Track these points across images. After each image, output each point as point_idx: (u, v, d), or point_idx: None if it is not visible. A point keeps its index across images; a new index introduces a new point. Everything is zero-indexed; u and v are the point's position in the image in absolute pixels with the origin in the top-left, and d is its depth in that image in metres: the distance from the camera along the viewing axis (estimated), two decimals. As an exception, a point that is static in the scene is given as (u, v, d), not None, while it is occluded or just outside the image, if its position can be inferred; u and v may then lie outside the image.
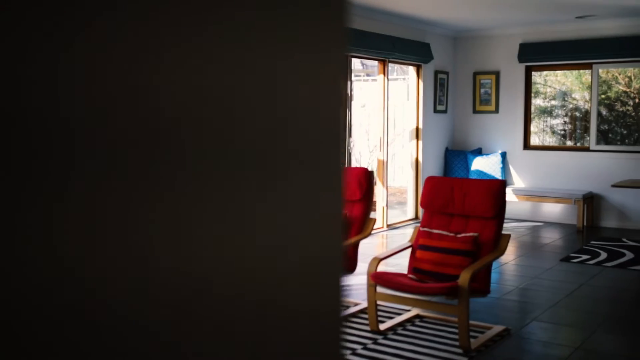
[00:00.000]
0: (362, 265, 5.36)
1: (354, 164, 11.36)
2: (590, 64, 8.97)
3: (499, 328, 4.56)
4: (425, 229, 4.70)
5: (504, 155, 9.48)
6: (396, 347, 4.22)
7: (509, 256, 7.13)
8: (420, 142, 9.20)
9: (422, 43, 8.96)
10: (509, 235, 4.53)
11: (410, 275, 4.59)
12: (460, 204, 4.62)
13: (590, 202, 8.83)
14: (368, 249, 7.23)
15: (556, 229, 8.74)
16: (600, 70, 9.00)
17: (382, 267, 6.30)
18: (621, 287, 5.89)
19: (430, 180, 4.85)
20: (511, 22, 9.00)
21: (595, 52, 8.77)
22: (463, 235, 4.48)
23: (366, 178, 5.05)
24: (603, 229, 8.67)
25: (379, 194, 8.63)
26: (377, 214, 8.68)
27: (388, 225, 8.68)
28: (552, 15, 8.31)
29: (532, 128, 9.69)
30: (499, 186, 4.51)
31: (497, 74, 9.60)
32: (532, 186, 9.32)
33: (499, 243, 4.49)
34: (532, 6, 7.75)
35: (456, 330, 4.34)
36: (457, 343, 4.23)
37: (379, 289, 4.48)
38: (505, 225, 8.91)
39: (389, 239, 8.09)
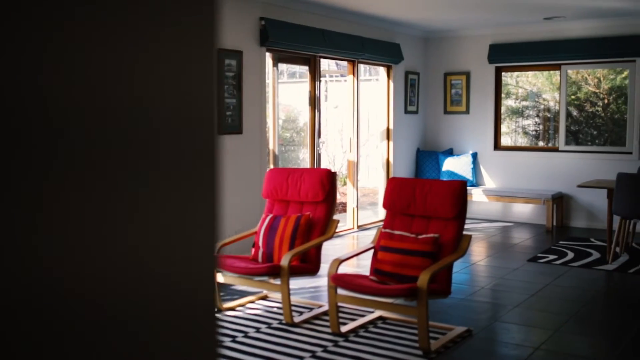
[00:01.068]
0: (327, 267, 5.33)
1: (327, 165, 11.34)
2: (559, 65, 9.02)
3: (460, 329, 4.55)
4: (387, 230, 4.68)
5: (474, 155, 9.50)
6: (356, 349, 4.19)
7: (478, 257, 7.14)
8: (391, 143, 9.20)
9: (392, 44, 8.95)
10: (469, 236, 4.52)
11: (372, 277, 4.56)
12: (422, 205, 4.60)
13: (560, 202, 8.88)
14: (338, 250, 7.20)
15: (526, 229, 8.78)
16: (570, 71, 9.05)
17: (350, 269, 6.28)
18: (586, 287, 5.92)
19: (392, 181, 4.84)
20: (481, 23, 9.03)
21: (563, 53, 8.82)
22: (424, 236, 4.46)
23: (329, 179, 5.02)
24: (572, 229, 8.72)
25: (349, 195, 8.61)
26: (348, 215, 8.66)
27: (359, 227, 8.66)
28: (521, 16, 8.35)
29: (504, 129, 9.73)
30: (460, 187, 4.50)
31: (467, 75, 9.62)
32: (503, 186, 9.35)
33: (460, 244, 4.48)
34: (501, 7, 7.78)
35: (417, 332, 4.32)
36: (417, 345, 4.21)
37: (341, 291, 4.44)
38: (475, 225, 8.97)
39: (359, 240, 8.07)
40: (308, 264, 4.88)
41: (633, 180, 6.42)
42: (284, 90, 12.69)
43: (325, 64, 12.24)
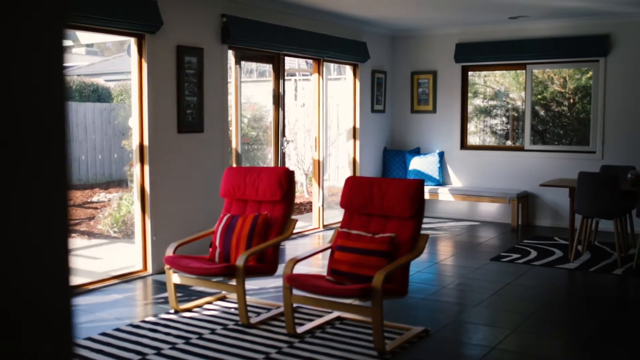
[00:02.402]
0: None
1: (295, 165, 11.27)
2: (524, 65, 9.05)
3: (418, 329, 4.51)
4: (344, 229, 4.63)
5: (441, 155, 9.51)
6: (310, 350, 4.13)
7: (442, 256, 7.13)
8: (358, 142, 9.16)
9: (358, 42, 8.91)
10: (426, 236, 4.48)
11: (328, 277, 4.51)
12: (379, 204, 4.56)
13: (525, 202, 8.91)
14: (303, 249, 7.14)
15: (492, 228, 8.80)
16: (536, 71, 9.09)
17: (312, 269, 6.22)
18: (546, 285, 5.92)
19: (349, 181, 4.79)
20: (447, 22, 9.03)
21: (528, 53, 8.85)
22: (380, 235, 4.42)
23: (286, 178, 4.96)
24: (537, 228, 8.76)
25: (315, 194, 8.56)
26: (313, 215, 8.61)
27: (324, 226, 8.61)
28: (486, 15, 8.36)
29: (472, 128, 9.74)
30: (417, 186, 4.46)
31: (434, 74, 9.62)
32: (469, 186, 9.37)
33: (417, 243, 4.44)
34: (467, 6, 7.77)
35: (373, 332, 4.27)
36: (373, 345, 4.17)
37: (298, 292, 4.38)
38: (441, 224, 8.97)
39: (324, 240, 8.02)
40: (265, 264, 4.81)
41: (594, 179, 6.45)
42: (252, 88, 12.58)
43: (296, 63, 12.18)
